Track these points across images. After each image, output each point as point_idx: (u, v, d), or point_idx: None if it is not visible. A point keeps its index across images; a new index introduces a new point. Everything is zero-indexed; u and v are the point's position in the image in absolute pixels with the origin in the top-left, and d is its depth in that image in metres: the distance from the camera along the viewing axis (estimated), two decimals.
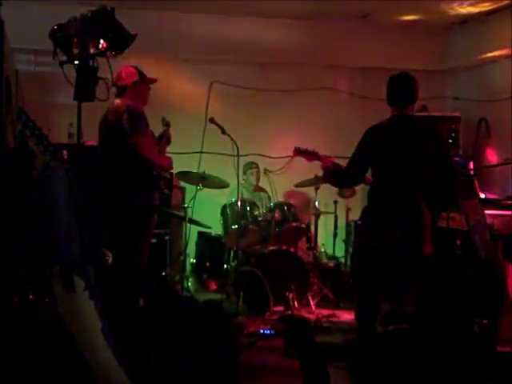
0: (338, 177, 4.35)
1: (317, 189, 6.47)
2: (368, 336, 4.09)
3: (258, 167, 6.86)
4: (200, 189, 6.04)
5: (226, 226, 6.36)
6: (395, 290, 4.21)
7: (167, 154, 5.01)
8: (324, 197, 6.68)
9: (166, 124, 4.98)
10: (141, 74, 4.72)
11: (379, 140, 4.06)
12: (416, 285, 4.07)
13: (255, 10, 6.93)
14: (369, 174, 4.24)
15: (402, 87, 4.09)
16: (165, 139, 4.93)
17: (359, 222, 4.60)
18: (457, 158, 6.92)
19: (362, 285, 4.20)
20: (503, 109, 6.54)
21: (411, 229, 4.04)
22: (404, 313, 4.07)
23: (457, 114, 7.06)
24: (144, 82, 4.72)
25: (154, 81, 4.79)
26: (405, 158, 4.02)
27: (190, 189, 6.59)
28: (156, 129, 4.94)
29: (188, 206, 5.90)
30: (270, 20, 7.17)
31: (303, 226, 6.52)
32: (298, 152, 4.68)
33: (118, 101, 4.63)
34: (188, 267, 6.02)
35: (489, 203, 5.42)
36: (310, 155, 4.61)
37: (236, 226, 6.10)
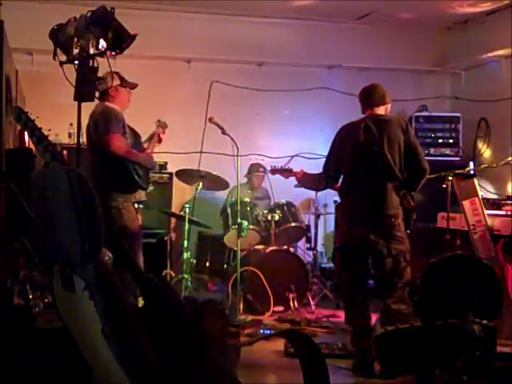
0: (314, 181, 4.63)
1: None
2: (362, 337, 4.12)
3: (264, 171, 6.85)
4: (199, 189, 6.04)
5: (225, 226, 6.36)
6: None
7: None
8: (324, 197, 6.67)
9: (159, 123, 5.01)
10: (121, 78, 4.75)
11: (348, 138, 4.24)
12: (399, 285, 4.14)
13: (255, 10, 6.93)
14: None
15: (372, 91, 4.36)
16: (155, 138, 4.96)
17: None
18: (457, 158, 6.94)
19: (346, 284, 4.27)
20: (503, 109, 6.54)
21: (382, 227, 4.11)
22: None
23: (457, 114, 7.06)
24: (124, 85, 4.75)
25: (134, 86, 4.82)
26: (373, 154, 4.15)
27: (190, 189, 6.61)
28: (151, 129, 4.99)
29: (188, 206, 5.90)
30: (270, 20, 7.17)
31: (303, 226, 6.52)
32: (275, 171, 5.03)
33: (98, 104, 4.66)
34: (188, 267, 6.01)
35: (489, 203, 5.42)
36: (285, 172, 4.96)
37: (236, 226, 6.10)
